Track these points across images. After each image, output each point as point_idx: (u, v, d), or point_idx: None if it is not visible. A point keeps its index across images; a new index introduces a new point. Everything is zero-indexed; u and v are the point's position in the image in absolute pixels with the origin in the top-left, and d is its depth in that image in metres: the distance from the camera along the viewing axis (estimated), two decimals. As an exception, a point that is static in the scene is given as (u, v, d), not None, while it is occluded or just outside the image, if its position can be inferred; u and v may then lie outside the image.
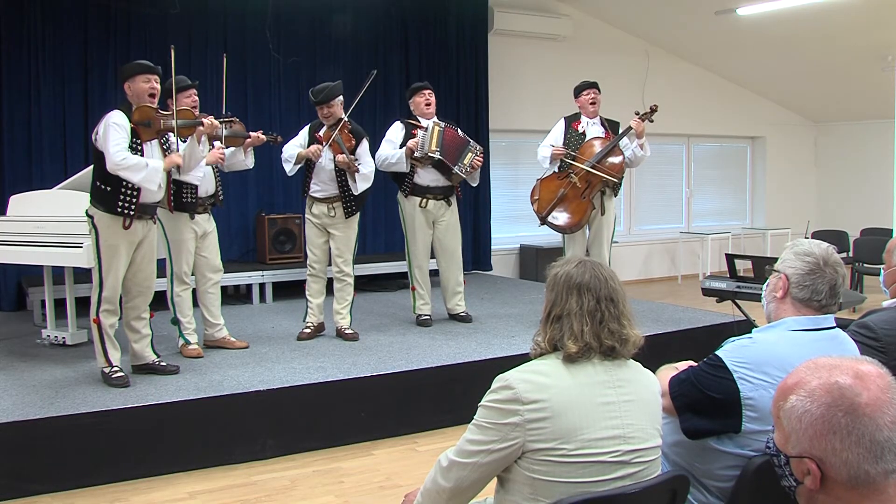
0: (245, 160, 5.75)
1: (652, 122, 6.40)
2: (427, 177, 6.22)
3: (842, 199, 12.36)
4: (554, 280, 2.16)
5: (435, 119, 6.30)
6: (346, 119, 5.86)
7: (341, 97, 5.89)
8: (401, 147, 6.15)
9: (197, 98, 5.45)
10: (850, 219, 11.33)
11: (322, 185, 5.85)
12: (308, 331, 5.99)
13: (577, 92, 6.56)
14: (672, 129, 10.95)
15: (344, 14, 8.49)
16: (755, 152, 12.65)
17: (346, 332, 5.95)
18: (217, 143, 5.40)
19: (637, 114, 6.33)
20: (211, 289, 5.63)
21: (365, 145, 5.87)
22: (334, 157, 5.75)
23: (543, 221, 6.43)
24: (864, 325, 2.89)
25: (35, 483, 4.06)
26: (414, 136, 6.15)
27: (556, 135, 6.53)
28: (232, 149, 5.65)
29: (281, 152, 5.98)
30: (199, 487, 4.19)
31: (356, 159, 5.77)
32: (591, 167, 6.22)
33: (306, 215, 6.00)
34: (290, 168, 5.89)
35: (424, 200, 6.27)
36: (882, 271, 3.22)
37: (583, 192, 6.28)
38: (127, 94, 4.72)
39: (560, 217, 6.36)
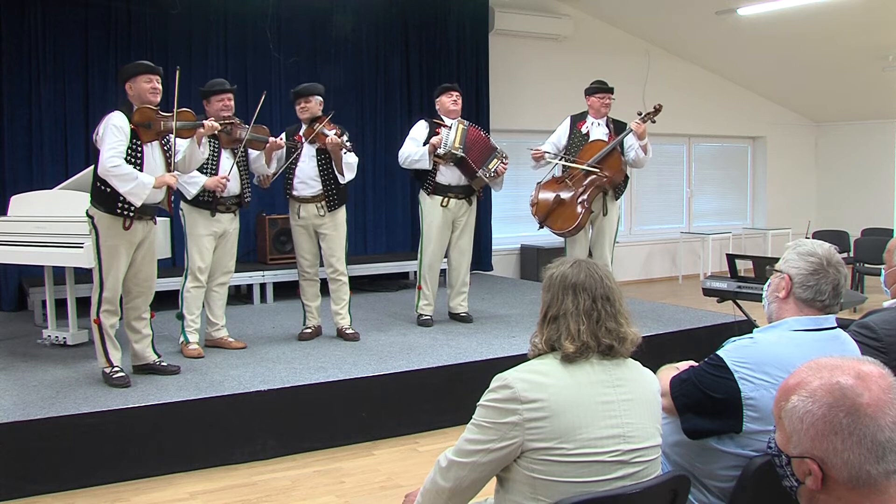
0: (267, 168, 5.71)
1: (654, 122, 6.34)
2: (449, 175, 6.22)
3: (842, 200, 12.37)
4: (550, 281, 2.16)
5: (459, 119, 6.31)
6: (324, 116, 5.86)
7: (321, 98, 5.92)
8: (424, 145, 6.17)
9: (231, 103, 5.47)
10: (850, 219, 11.33)
11: (307, 182, 5.83)
12: (309, 331, 6.00)
13: (591, 92, 6.52)
14: (672, 129, 10.95)
15: (344, 14, 8.50)
16: (756, 152, 12.66)
17: (348, 331, 5.95)
18: (223, 170, 5.44)
19: (639, 114, 6.30)
20: (216, 288, 5.63)
21: (346, 137, 5.87)
22: (317, 148, 5.77)
23: (542, 225, 6.47)
24: (864, 325, 2.89)
25: (36, 483, 4.06)
26: (437, 134, 6.16)
27: (560, 134, 6.55)
28: (255, 153, 5.66)
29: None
30: (199, 487, 4.19)
31: (349, 140, 5.79)
32: (588, 168, 6.21)
33: (293, 222, 5.96)
34: (273, 169, 5.80)
35: (446, 200, 6.26)
36: (883, 271, 3.22)
37: (579, 196, 6.28)
38: (128, 95, 4.70)
39: (556, 221, 6.38)
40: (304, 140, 5.81)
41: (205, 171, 5.34)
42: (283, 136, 5.83)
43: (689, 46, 10.96)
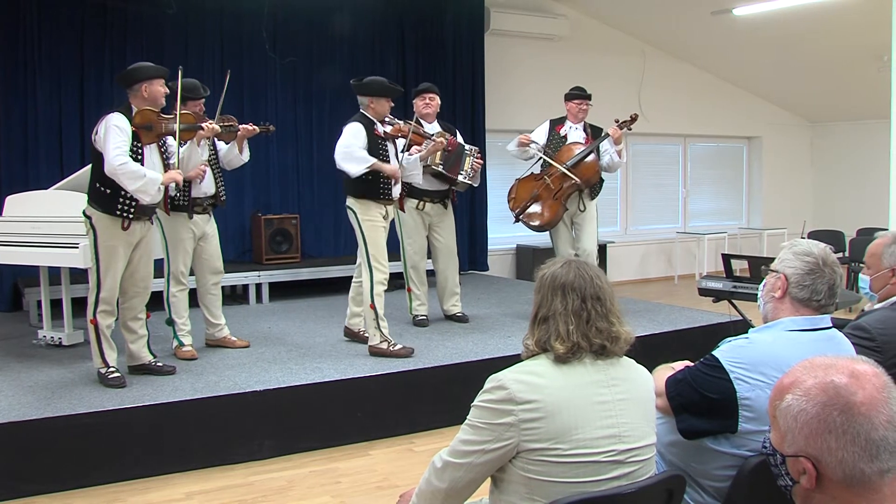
0: (240, 155, 5.59)
1: (630, 130, 6.52)
2: (423, 181, 6.21)
3: (838, 199, 12.38)
4: (540, 282, 2.16)
5: (440, 129, 6.27)
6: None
7: None
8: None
9: (203, 106, 5.45)
10: (846, 218, 11.35)
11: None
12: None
13: (569, 97, 6.68)
14: (668, 129, 10.97)
15: (340, 14, 8.49)
16: (752, 152, 12.67)
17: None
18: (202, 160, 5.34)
19: (617, 121, 6.45)
20: (212, 290, 5.62)
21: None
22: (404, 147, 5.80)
23: (518, 219, 6.62)
24: (858, 326, 2.90)
25: (32, 483, 4.06)
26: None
27: (539, 135, 6.68)
28: (223, 144, 5.59)
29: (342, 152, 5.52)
30: (196, 488, 4.19)
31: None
32: (566, 170, 6.32)
33: (373, 222, 5.54)
34: (361, 169, 5.44)
35: (422, 203, 6.29)
36: (867, 277, 3.19)
37: (555, 193, 6.44)
38: (140, 94, 4.66)
39: (532, 216, 6.56)
40: (407, 134, 5.72)
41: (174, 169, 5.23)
42: (360, 130, 5.51)
43: (684, 46, 10.97)
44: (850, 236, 9.94)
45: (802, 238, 2.53)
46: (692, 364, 2.35)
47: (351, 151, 5.45)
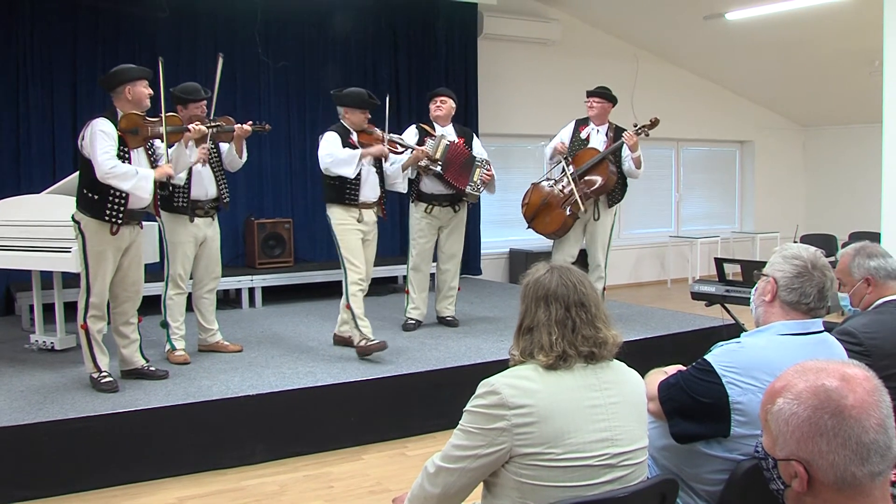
0: (238, 157, 5.58)
1: (647, 135, 6.37)
2: (431, 185, 6.24)
3: (830, 203, 12.42)
4: (525, 290, 2.15)
5: (446, 130, 6.32)
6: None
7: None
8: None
9: (205, 108, 5.43)
10: (838, 222, 11.38)
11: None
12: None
13: (587, 95, 6.59)
14: (661, 133, 10.85)
15: (333, 18, 8.49)
16: (744, 156, 12.71)
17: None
18: (195, 169, 5.31)
19: (635, 125, 6.34)
20: (206, 294, 5.60)
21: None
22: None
23: (529, 225, 6.61)
24: (845, 331, 2.91)
25: (23, 489, 4.04)
26: (425, 143, 6.16)
27: (565, 135, 6.63)
28: (225, 145, 5.58)
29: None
30: (188, 493, 4.18)
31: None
32: (571, 180, 6.30)
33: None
34: (354, 166, 5.58)
35: (430, 207, 6.30)
36: (843, 293, 3.21)
37: (562, 203, 6.38)
38: (123, 97, 4.65)
39: (542, 223, 6.55)
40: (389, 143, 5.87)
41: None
42: (337, 139, 5.63)
43: (677, 51, 11.00)
44: (842, 240, 9.97)
45: (795, 242, 2.54)
46: (684, 368, 2.36)
47: (335, 155, 5.56)
